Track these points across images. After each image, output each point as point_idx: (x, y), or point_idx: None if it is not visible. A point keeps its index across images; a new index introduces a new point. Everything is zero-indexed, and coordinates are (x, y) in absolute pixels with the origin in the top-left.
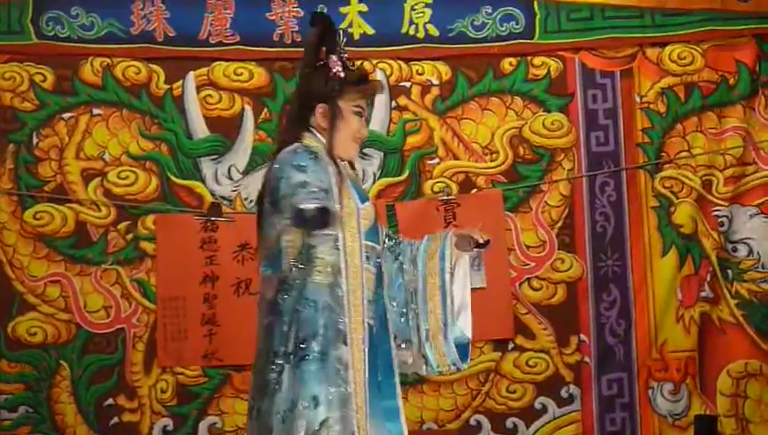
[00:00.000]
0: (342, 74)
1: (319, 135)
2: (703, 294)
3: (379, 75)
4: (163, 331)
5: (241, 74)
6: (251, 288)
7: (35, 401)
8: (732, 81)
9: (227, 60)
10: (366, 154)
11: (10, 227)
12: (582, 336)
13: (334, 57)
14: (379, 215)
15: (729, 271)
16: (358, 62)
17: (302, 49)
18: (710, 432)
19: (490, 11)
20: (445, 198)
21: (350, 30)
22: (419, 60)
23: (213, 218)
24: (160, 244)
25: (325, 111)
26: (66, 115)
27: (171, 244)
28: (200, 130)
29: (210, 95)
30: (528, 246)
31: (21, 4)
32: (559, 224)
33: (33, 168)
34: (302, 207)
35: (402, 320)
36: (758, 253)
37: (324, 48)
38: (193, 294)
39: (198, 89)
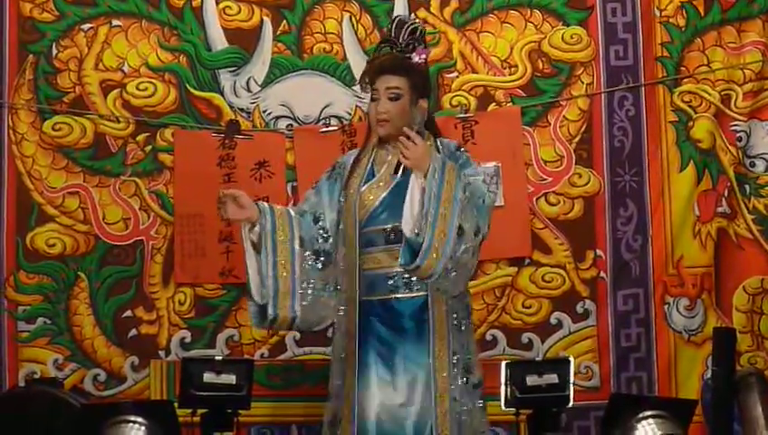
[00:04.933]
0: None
1: None
2: (720, 209)
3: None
4: (180, 247)
5: None
6: None
7: (53, 312)
8: None
9: None
10: None
11: (29, 137)
12: (599, 251)
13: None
14: None
15: (747, 186)
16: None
17: None
18: (729, 346)
19: None
20: (462, 115)
21: None
22: None
23: (232, 135)
24: (178, 160)
25: None
26: (85, 26)
27: (189, 160)
28: (219, 41)
29: (229, 6)
30: (546, 161)
31: None
32: (577, 138)
33: (53, 78)
34: None
35: None
36: None
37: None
38: (211, 210)
39: (217, 0)
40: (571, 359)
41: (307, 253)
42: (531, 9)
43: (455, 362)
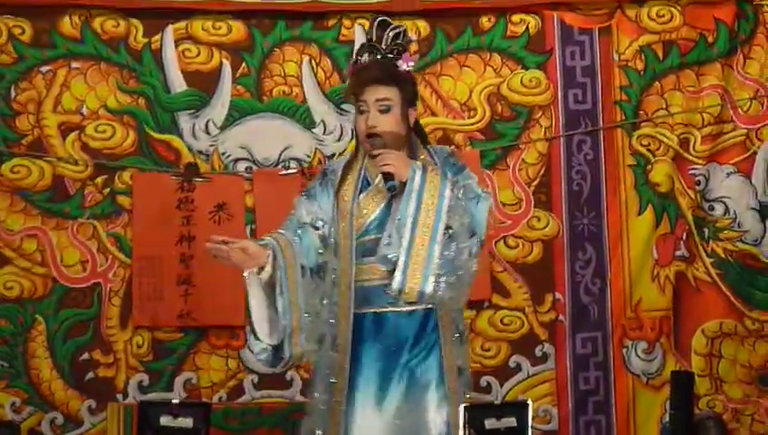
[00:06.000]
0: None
1: None
2: (678, 253)
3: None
4: (138, 290)
5: (219, 28)
6: None
7: (11, 355)
8: (710, 38)
9: (206, 12)
10: (343, 110)
11: None
12: (557, 294)
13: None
14: None
15: (705, 230)
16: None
17: (282, 1)
18: (687, 390)
19: None
20: None
21: None
22: (398, 14)
23: (190, 179)
24: (136, 202)
25: None
26: (44, 68)
27: (148, 203)
28: (178, 84)
29: (188, 49)
30: (504, 204)
31: None
32: (536, 182)
33: (11, 121)
34: None
35: None
36: (734, 212)
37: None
38: (169, 253)
39: (177, 42)
40: (530, 402)
41: (309, 278)
42: (490, 52)
43: (462, 378)
